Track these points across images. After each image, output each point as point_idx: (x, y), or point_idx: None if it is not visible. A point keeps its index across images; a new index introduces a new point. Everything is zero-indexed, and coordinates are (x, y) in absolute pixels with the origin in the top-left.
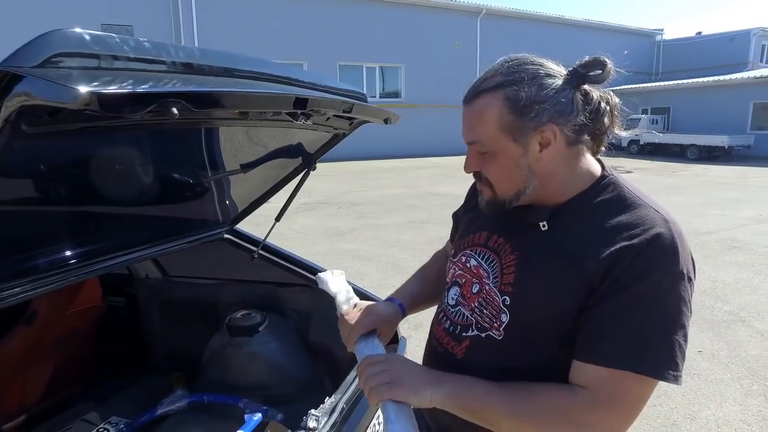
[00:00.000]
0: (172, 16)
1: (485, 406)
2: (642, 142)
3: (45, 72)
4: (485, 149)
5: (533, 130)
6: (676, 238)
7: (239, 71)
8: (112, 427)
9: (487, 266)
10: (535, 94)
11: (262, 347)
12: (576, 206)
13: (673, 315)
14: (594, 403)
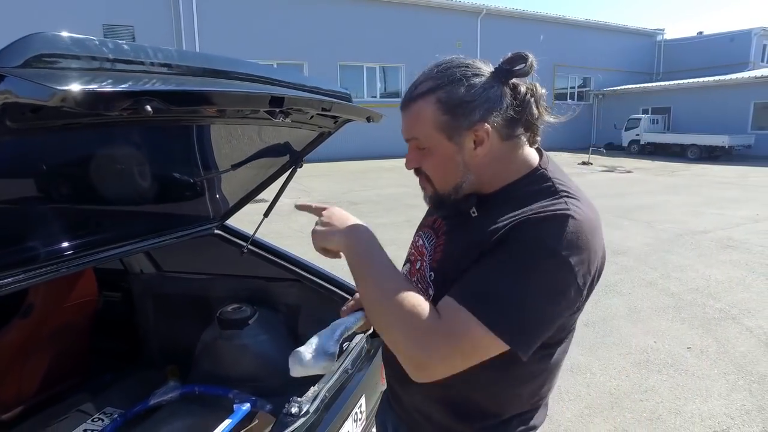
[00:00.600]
0: (173, 16)
1: (367, 268)
2: (642, 141)
3: (26, 72)
4: (423, 146)
5: (467, 129)
6: (569, 227)
7: (219, 72)
8: (107, 417)
9: (428, 245)
10: (465, 94)
11: (251, 340)
12: (503, 195)
13: (535, 290)
14: (435, 327)
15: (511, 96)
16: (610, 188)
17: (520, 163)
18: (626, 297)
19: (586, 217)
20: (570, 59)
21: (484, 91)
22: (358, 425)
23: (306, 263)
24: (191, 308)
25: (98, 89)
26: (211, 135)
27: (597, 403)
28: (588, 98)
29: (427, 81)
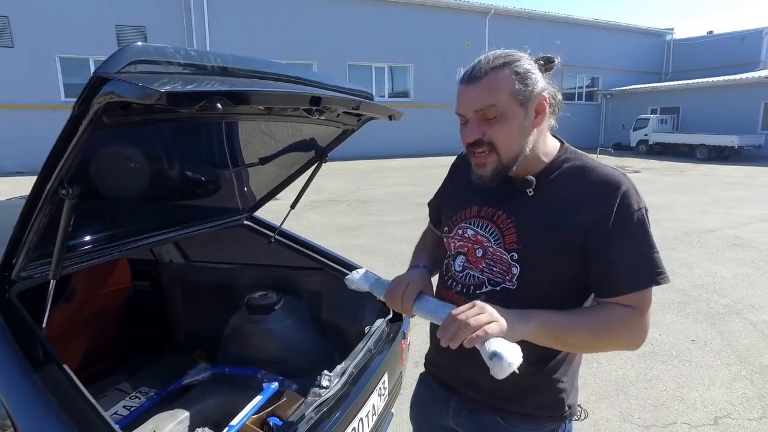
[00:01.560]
0: (184, 17)
1: (568, 329)
2: (651, 141)
3: (127, 76)
4: (496, 113)
5: (535, 97)
6: (633, 183)
7: (263, 73)
8: (143, 395)
9: (485, 233)
10: (530, 69)
11: (278, 324)
12: (550, 173)
13: (650, 238)
14: (638, 314)
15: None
16: None
17: (552, 142)
18: None
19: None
20: (578, 59)
21: (537, 72)
22: (382, 400)
23: (329, 252)
24: (217, 296)
25: (185, 89)
26: (242, 134)
27: (603, 390)
28: (596, 98)
29: (498, 59)
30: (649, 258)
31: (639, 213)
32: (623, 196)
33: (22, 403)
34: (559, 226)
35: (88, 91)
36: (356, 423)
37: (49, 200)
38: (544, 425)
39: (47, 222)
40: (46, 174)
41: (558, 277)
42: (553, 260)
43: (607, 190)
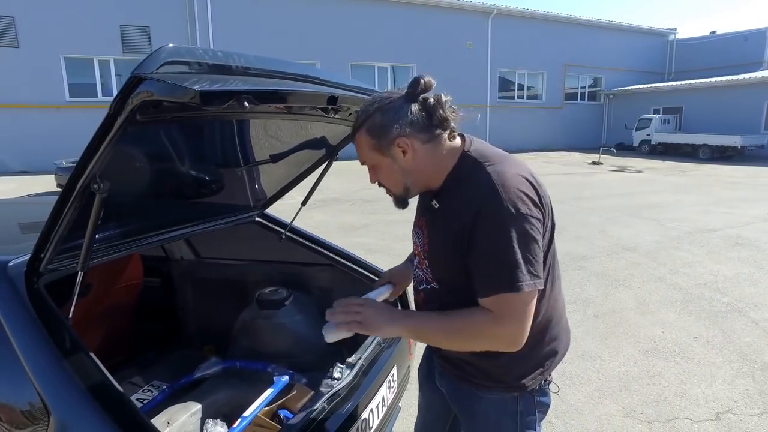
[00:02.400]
0: (188, 17)
1: (428, 332)
2: (653, 141)
3: (162, 75)
4: (371, 164)
5: (391, 144)
6: (498, 187)
7: (282, 73)
8: (155, 388)
9: (418, 240)
10: (381, 120)
11: (288, 319)
12: (449, 183)
13: (511, 242)
14: (495, 320)
15: (420, 108)
16: (620, 188)
17: (450, 154)
18: (635, 291)
19: (510, 173)
20: (580, 59)
21: (395, 114)
22: (391, 392)
23: (339, 249)
24: (227, 292)
25: (214, 89)
26: (253, 132)
27: (606, 386)
28: (599, 98)
29: (359, 117)
30: (504, 265)
31: (504, 218)
32: (487, 202)
33: (53, 389)
34: (448, 234)
35: (126, 90)
36: (366, 414)
37: (80, 195)
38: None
39: (76, 216)
40: (80, 169)
41: (459, 278)
42: (449, 264)
43: (474, 197)
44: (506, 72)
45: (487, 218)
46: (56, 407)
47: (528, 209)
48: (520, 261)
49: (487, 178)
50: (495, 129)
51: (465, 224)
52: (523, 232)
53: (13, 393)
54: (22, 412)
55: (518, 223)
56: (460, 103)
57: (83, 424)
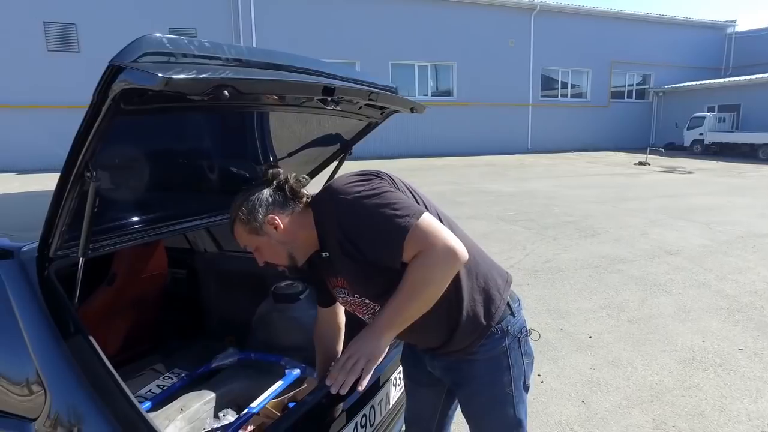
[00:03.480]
0: (232, 20)
1: (403, 311)
2: (707, 141)
3: (138, 65)
4: (253, 248)
5: (263, 224)
6: (331, 195)
7: (280, 65)
8: (175, 376)
9: (343, 293)
10: (250, 210)
11: (302, 313)
12: (320, 234)
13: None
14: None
15: (275, 190)
16: (667, 189)
17: (307, 214)
18: (675, 297)
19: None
20: (628, 55)
21: (258, 200)
22: (397, 390)
23: None
24: (247, 284)
25: (189, 77)
26: (270, 125)
27: (636, 395)
28: (647, 96)
29: (231, 216)
30: (387, 223)
31: (351, 205)
32: (335, 210)
33: (52, 371)
34: (344, 262)
35: (105, 79)
36: (367, 410)
37: (76, 182)
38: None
39: (78, 203)
40: (72, 158)
41: (384, 281)
42: (367, 280)
43: (328, 218)
44: (549, 70)
45: (344, 218)
46: (53, 387)
47: (362, 186)
48: (389, 212)
49: (326, 200)
50: (536, 128)
51: (342, 240)
52: (371, 198)
53: (17, 371)
54: (23, 389)
55: (362, 198)
56: (500, 102)
57: (76, 405)
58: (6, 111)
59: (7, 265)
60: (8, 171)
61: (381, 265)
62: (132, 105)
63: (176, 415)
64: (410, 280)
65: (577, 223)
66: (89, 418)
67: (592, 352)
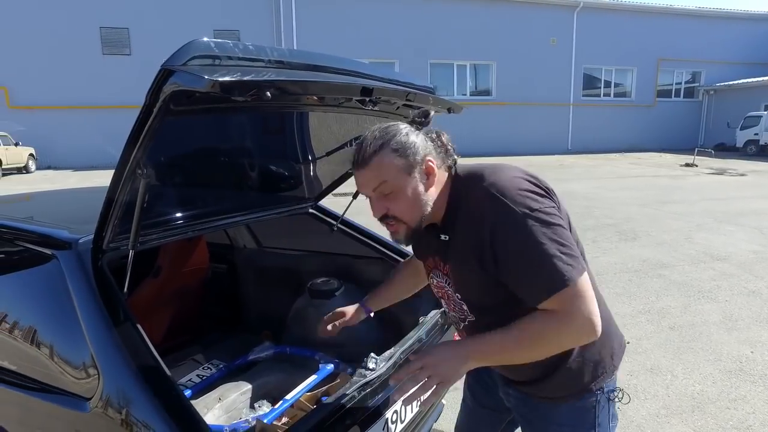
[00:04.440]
0: (273, 21)
1: (502, 352)
2: (762, 141)
3: (187, 68)
4: (389, 189)
5: (420, 164)
6: (499, 197)
7: (320, 66)
8: (214, 366)
9: (441, 280)
10: (407, 141)
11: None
12: (450, 213)
13: (539, 241)
14: (562, 317)
15: (426, 134)
16: (715, 192)
17: (446, 185)
18: (722, 304)
19: (504, 178)
20: (676, 53)
21: (413, 135)
22: None
23: (389, 243)
24: (285, 280)
25: (234, 79)
26: (310, 125)
27: (676, 405)
28: (696, 95)
29: (375, 141)
30: (544, 265)
31: (518, 222)
32: (496, 214)
33: (105, 357)
34: (469, 260)
35: (158, 82)
36: (398, 406)
37: (129, 179)
38: (569, 405)
39: (129, 199)
40: (126, 155)
41: (497, 301)
42: (481, 290)
43: (481, 215)
44: (592, 68)
45: (503, 229)
46: (106, 371)
47: (538, 203)
48: (558, 254)
49: (485, 193)
50: (578, 128)
51: (483, 244)
52: (544, 225)
53: (75, 354)
54: (80, 372)
55: (535, 219)
56: (540, 101)
57: (126, 389)
58: (64, 112)
59: (66, 255)
60: (66, 168)
61: (509, 290)
62: (181, 106)
63: (214, 404)
64: (531, 330)
65: (617, 225)
66: (137, 402)
67: (630, 358)
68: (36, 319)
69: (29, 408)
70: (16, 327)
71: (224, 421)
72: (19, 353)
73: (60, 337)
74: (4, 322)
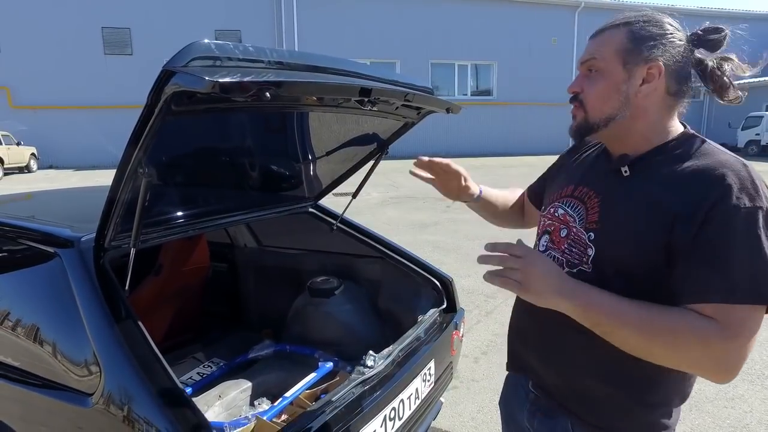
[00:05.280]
0: (275, 20)
1: (615, 320)
2: (764, 142)
3: (188, 69)
4: (595, 66)
5: (643, 62)
6: (753, 175)
7: (320, 67)
8: (214, 365)
9: (573, 212)
10: (655, 33)
11: (337, 308)
12: (658, 154)
13: (756, 245)
14: (722, 331)
15: (695, 63)
16: None
17: (672, 124)
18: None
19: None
20: None
21: (673, 40)
22: (427, 385)
23: (389, 242)
24: (285, 279)
25: (234, 80)
26: (309, 125)
27: None
28: (698, 94)
29: (627, 17)
30: (755, 270)
31: (745, 213)
32: (726, 190)
33: (107, 353)
34: (645, 213)
35: (159, 83)
36: (396, 403)
37: (131, 178)
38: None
39: (131, 198)
40: (127, 155)
41: (630, 269)
42: (628, 248)
43: (708, 181)
44: None
45: (733, 212)
46: (107, 368)
47: None
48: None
49: (723, 160)
50: None
51: (688, 212)
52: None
53: (77, 350)
54: (83, 368)
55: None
56: (541, 101)
57: (127, 386)
58: (66, 111)
59: (68, 254)
60: (68, 167)
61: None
62: (182, 106)
63: (215, 401)
64: (681, 321)
65: None
66: (139, 398)
67: None
68: (38, 316)
69: (31, 404)
70: (18, 324)
71: (224, 418)
72: (22, 350)
73: (62, 334)
74: (7, 320)
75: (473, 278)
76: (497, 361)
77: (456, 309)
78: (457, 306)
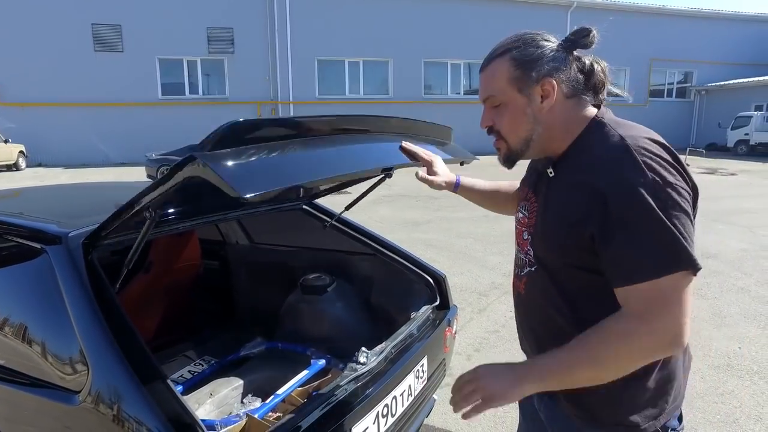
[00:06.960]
0: (267, 18)
1: (570, 371)
2: (752, 141)
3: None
4: (497, 102)
5: (535, 82)
6: (635, 155)
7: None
8: (205, 363)
9: (527, 214)
10: (534, 53)
11: (329, 305)
12: (572, 151)
13: (663, 217)
14: (643, 317)
15: (577, 65)
16: (706, 191)
17: (582, 118)
18: (711, 301)
19: (645, 140)
20: (669, 53)
21: (552, 53)
22: (420, 382)
23: (382, 239)
24: (277, 276)
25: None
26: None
27: None
28: (689, 95)
29: (501, 47)
30: (660, 243)
31: (650, 190)
32: (625, 172)
33: (95, 351)
34: (566, 209)
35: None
36: (389, 400)
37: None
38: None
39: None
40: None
41: (568, 262)
42: (562, 242)
43: (607, 167)
44: None
45: (628, 191)
46: (95, 365)
47: (675, 179)
48: (678, 236)
49: (621, 146)
50: None
51: (594, 198)
52: (674, 205)
53: (64, 347)
54: (69, 366)
55: (667, 194)
56: None
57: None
58: (56, 109)
59: (56, 250)
60: (57, 165)
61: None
62: None
63: (206, 399)
64: (609, 338)
65: None
66: (128, 396)
67: None
68: (25, 313)
69: (17, 403)
70: (5, 322)
71: (216, 416)
72: (8, 348)
73: (49, 331)
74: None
75: (466, 276)
76: (490, 358)
77: (449, 306)
78: (450, 303)
